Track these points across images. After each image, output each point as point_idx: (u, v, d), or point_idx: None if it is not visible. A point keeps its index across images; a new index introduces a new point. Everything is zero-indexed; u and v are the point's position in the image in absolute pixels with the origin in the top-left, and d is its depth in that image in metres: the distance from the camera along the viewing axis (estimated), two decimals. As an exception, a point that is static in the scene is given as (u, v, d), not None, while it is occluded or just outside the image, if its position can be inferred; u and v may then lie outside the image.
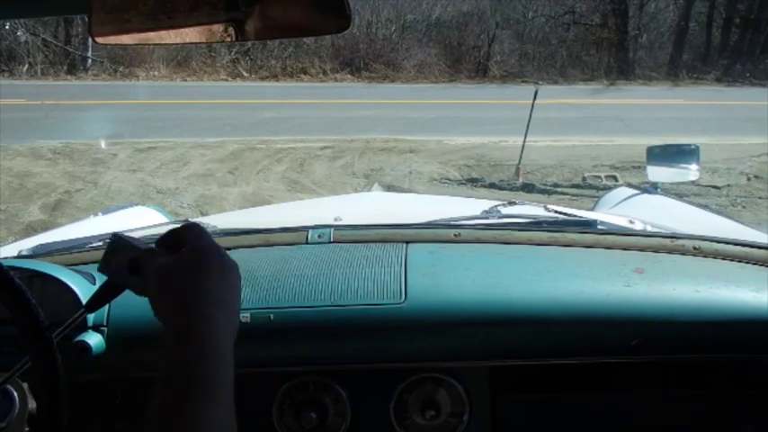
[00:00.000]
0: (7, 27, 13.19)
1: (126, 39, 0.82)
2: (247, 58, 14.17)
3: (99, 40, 0.82)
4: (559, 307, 1.04)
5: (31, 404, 0.98)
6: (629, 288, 1.06)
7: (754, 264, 1.14)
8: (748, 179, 6.37)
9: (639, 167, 6.67)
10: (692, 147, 2.36)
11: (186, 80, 13.27)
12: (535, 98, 5.43)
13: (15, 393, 0.98)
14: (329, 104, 10.66)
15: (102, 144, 7.58)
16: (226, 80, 13.44)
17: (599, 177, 6.33)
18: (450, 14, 15.30)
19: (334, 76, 13.70)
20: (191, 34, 0.82)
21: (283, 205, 2.86)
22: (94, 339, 1.04)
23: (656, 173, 2.32)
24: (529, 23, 15.68)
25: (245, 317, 1.04)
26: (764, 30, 15.20)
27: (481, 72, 14.42)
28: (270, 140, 7.87)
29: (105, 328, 1.06)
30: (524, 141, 4.32)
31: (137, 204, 2.71)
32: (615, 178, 6.30)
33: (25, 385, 0.97)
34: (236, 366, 1.00)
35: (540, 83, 5.88)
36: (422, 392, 1.09)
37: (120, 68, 13.22)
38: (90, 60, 13.58)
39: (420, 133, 8.24)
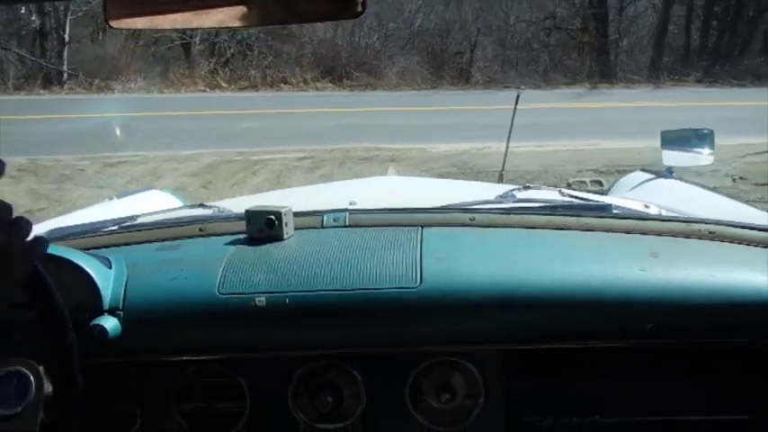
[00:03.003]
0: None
1: (140, 22, 0.81)
2: (226, 68, 14.03)
3: (113, 23, 0.81)
4: (574, 291, 1.04)
5: (47, 388, 0.95)
6: (644, 272, 1.05)
7: None
8: (734, 181, 6.27)
9: (625, 171, 6.54)
10: (706, 131, 2.34)
11: (163, 92, 13.07)
12: (517, 103, 5.25)
13: (32, 377, 0.96)
14: (309, 114, 10.51)
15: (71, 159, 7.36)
16: (204, 91, 13.24)
17: (584, 183, 6.17)
18: (433, 22, 15.34)
19: (314, 85, 13.57)
20: (206, 18, 0.81)
21: (298, 189, 2.82)
22: (111, 323, 1.03)
23: (671, 157, 2.29)
24: (510, 29, 15.71)
25: (260, 300, 1.04)
26: (742, 31, 15.30)
27: (464, 78, 14.38)
28: (247, 152, 7.68)
29: (121, 312, 1.05)
30: (507, 147, 4.17)
31: (152, 188, 2.70)
32: (600, 183, 6.13)
33: (41, 369, 0.96)
34: (252, 350, 1.04)
35: (522, 88, 5.71)
36: (437, 376, 1.09)
37: (96, 81, 13.00)
38: (66, 74, 13.39)
39: (402, 141, 8.09)
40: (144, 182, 6.67)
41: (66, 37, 13.63)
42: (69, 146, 7.71)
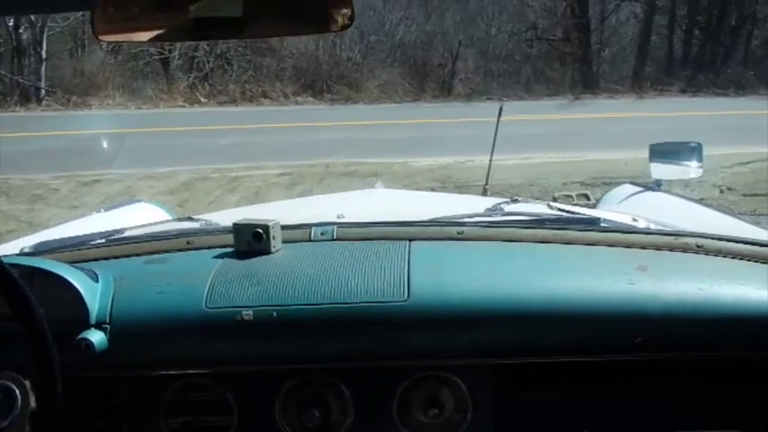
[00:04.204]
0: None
1: (129, 37, 0.84)
2: (206, 83, 13.92)
3: (102, 38, 0.83)
4: (563, 305, 1.03)
5: (33, 402, 0.93)
6: (632, 286, 1.05)
7: (758, 262, 1.14)
8: (721, 191, 6.19)
9: (611, 183, 6.43)
10: (694, 144, 2.35)
11: (141, 108, 12.88)
12: (500, 115, 5.08)
13: (17, 391, 0.94)
14: (289, 128, 10.35)
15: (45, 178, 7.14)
16: (183, 106, 13.08)
17: (570, 197, 6.05)
18: (414, 34, 15.35)
19: (295, 99, 13.47)
20: (194, 32, 0.83)
21: (286, 202, 2.84)
22: (97, 337, 1.03)
23: (659, 170, 2.31)
24: (492, 40, 15.73)
25: (247, 314, 1.04)
26: (724, 40, 15.39)
27: (446, 90, 14.34)
28: (224, 168, 7.51)
29: (108, 326, 1.05)
30: (491, 160, 4.05)
31: (139, 201, 2.69)
32: (587, 197, 6.02)
33: (27, 383, 0.94)
34: (239, 364, 1.05)
35: (505, 99, 5.57)
36: (425, 391, 1.08)
37: (74, 98, 12.82)
38: (43, 91, 13.20)
39: (383, 155, 7.96)
40: (118, 201, 6.47)
41: (44, 53, 13.49)
42: (43, 164, 7.53)
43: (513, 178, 6.54)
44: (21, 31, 13.48)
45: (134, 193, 6.71)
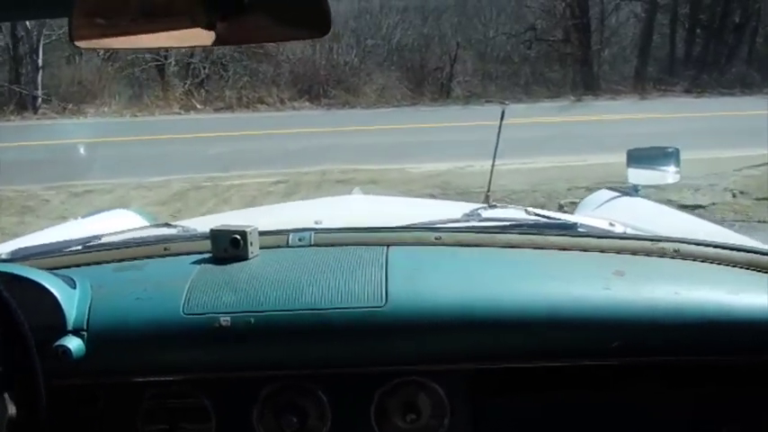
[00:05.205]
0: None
1: (107, 42, 0.83)
2: (201, 89, 13.82)
3: (79, 43, 0.82)
4: (540, 310, 1.04)
5: (11, 410, 0.92)
6: (609, 291, 1.06)
7: (734, 266, 1.14)
8: (734, 195, 5.99)
9: (613, 188, 6.25)
10: (672, 149, 2.37)
11: (137, 115, 12.77)
12: (502, 119, 4.93)
13: None
14: (286, 134, 10.22)
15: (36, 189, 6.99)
16: (179, 113, 12.95)
17: (576, 204, 5.86)
18: (411, 37, 15.22)
19: (292, 105, 13.32)
20: (172, 38, 0.83)
21: (263, 208, 2.84)
22: (74, 343, 1.03)
23: (637, 175, 2.32)
24: (490, 42, 15.57)
25: (225, 320, 1.05)
26: (727, 39, 15.20)
27: (444, 93, 14.17)
28: (219, 177, 7.35)
29: (86, 332, 1.05)
30: (492, 166, 3.91)
31: (118, 207, 2.68)
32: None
33: (6, 392, 0.92)
34: (217, 370, 1.05)
35: (507, 102, 5.37)
36: (403, 396, 1.09)
37: (70, 106, 12.72)
38: (40, 99, 13.11)
39: (381, 161, 7.79)
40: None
41: (40, 62, 13.42)
42: (35, 175, 7.35)
43: (515, 184, 6.36)
44: (18, 39, 13.46)
45: (126, 203, 6.56)
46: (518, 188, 6.33)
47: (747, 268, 1.14)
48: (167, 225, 1.70)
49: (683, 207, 5.41)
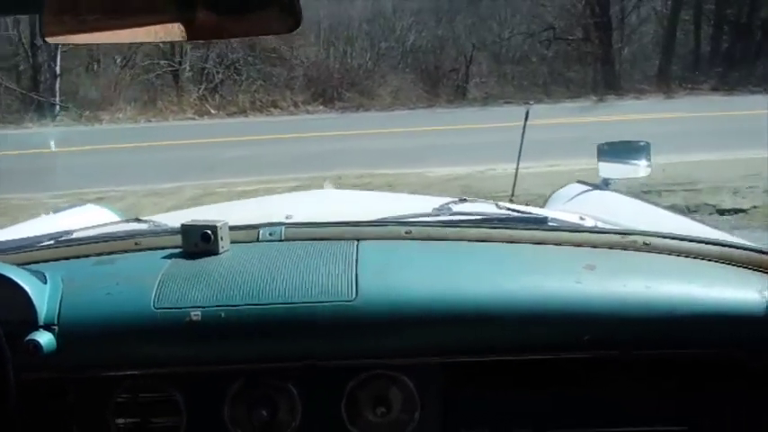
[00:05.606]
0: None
1: (78, 38, 0.85)
2: (216, 94, 13.88)
3: (50, 39, 0.84)
4: (510, 304, 1.05)
5: None
6: (579, 284, 1.07)
7: (705, 260, 1.15)
8: (779, 199, 5.68)
9: (649, 192, 5.97)
10: (642, 143, 2.38)
11: (151, 121, 12.79)
12: (527, 119, 4.80)
13: None
14: (300, 138, 10.07)
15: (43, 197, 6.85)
16: (192, 118, 12.95)
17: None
18: (425, 39, 15.18)
19: (306, 108, 13.25)
20: (143, 33, 0.84)
21: (234, 203, 2.84)
22: (45, 338, 1.03)
23: (607, 169, 2.33)
24: (505, 43, 15.45)
25: (195, 315, 1.05)
26: (756, 34, 14.79)
27: (460, 95, 14.04)
28: (232, 183, 7.21)
29: (57, 327, 1.06)
30: (517, 169, 3.74)
31: (88, 203, 2.68)
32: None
33: None
34: (188, 364, 1.09)
35: (531, 102, 5.15)
36: (373, 390, 1.10)
37: (86, 113, 12.78)
38: (58, 107, 13.23)
39: (398, 165, 7.60)
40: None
41: (58, 69, 13.53)
42: (46, 182, 7.20)
43: (539, 188, 6.06)
44: (38, 47, 13.58)
45: (138, 210, 6.41)
46: (544, 192, 5.99)
47: (718, 261, 1.15)
48: (138, 220, 1.70)
49: (723, 211, 5.13)
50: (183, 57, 14.11)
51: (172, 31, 0.82)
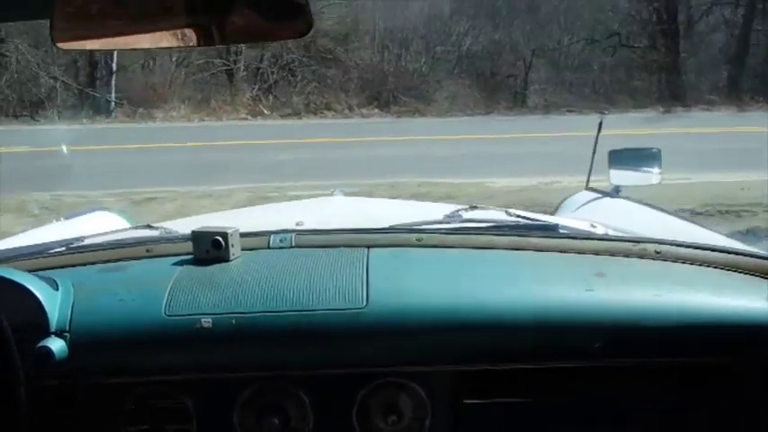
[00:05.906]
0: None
1: (89, 44, 0.86)
2: (269, 94, 13.85)
3: (61, 45, 0.84)
4: (521, 311, 1.06)
5: None
6: (590, 292, 1.08)
7: (715, 268, 1.16)
8: None
9: (727, 212, 5.54)
10: (654, 150, 2.38)
11: (204, 120, 12.79)
12: (600, 130, 4.43)
13: None
14: (354, 142, 9.92)
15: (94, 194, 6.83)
16: (246, 119, 12.89)
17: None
18: (482, 44, 14.97)
19: (360, 112, 13.09)
20: (154, 39, 0.85)
21: (245, 210, 2.82)
22: (57, 344, 1.04)
23: (619, 176, 2.33)
24: (564, 50, 15.06)
25: (206, 322, 1.06)
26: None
27: (519, 102, 13.75)
28: (284, 187, 7.02)
29: (68, 333, 1.07)
30: (588, 180, 3.43)
31: (99, 209, 2.66)
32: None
33: None
34: (199, 371, 1.10)
35: (606, 112, 4.81)
36: (384, 397, 1.10)
37: (140, 110, 12.87)
38: (113, 103, 13.37)
39: (456, 174, 7.31)
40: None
41: (114, 66, 13.64)
42: (99, 181, 7.25)
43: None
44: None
45: (188, 212, 6.31)
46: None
47: (728, 269, 1.15)
48: (149, 227, 1.71)
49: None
50: (238, 56, 14.12)
51: (183, 37, 0.84)
